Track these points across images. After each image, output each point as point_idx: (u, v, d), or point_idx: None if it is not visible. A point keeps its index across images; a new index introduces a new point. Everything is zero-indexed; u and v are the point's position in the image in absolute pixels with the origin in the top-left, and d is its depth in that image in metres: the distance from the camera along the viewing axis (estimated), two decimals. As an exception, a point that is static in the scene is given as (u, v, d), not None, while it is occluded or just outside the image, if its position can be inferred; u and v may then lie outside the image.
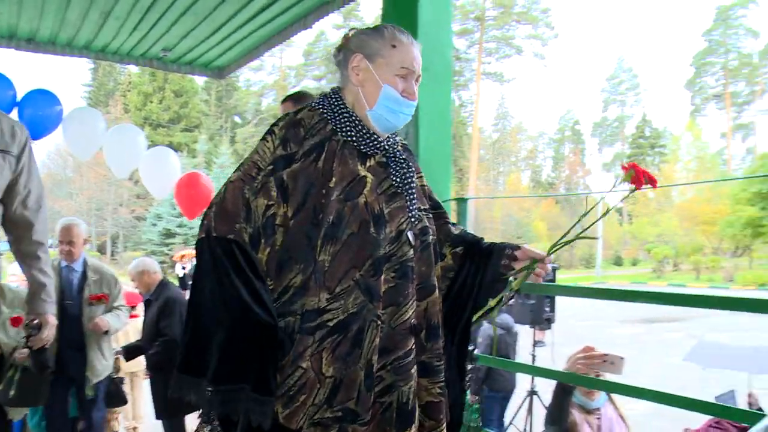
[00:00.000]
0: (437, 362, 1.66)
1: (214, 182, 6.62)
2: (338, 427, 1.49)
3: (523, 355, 5.86)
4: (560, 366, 2.67)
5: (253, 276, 1.50)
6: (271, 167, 1.56)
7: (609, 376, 2.55)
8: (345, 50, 1.69)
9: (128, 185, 34.58)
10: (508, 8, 42.88)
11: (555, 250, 1.79)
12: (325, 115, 1.64)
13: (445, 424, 1.66)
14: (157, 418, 4.54)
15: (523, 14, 43.17)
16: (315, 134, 1.60)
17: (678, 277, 33.92)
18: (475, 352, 1.95)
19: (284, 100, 3.61)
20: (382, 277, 1.55)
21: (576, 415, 2.57)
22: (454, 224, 1.89)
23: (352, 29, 1.73)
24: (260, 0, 4.21)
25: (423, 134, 3.34)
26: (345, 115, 1.65)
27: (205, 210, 1.60)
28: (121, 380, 4.46)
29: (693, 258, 35.57)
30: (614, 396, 2.72)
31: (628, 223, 44.04)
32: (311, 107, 1.67)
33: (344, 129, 1.63)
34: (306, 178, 1.55)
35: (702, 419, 2.94)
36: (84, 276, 4.08)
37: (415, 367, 1.60)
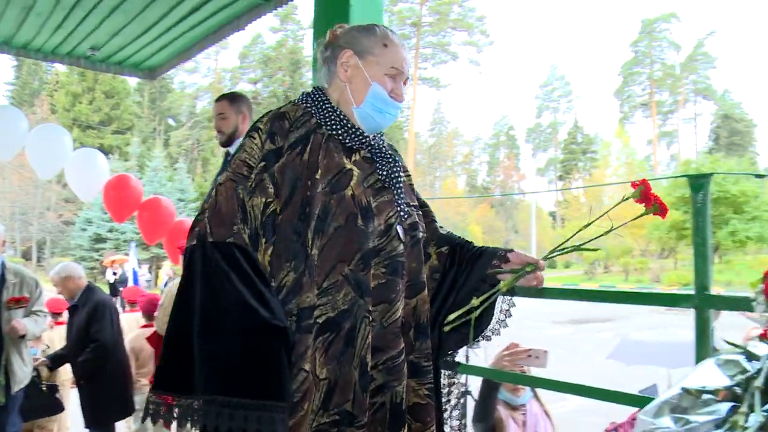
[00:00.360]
0: (425, 362, 1.60)
1: (146, 186, 6.46)
2: (336, 431, 1.42)
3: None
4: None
5: (258, 278, 1.41)
6: (263, 164, 1.49)
7: (535, 371, 2.62)
8: (334, 46, 1.64)
9: (56, 189, 33.36)
10: (445, 15, 43.49)
11: (550, 257, 1.70)
12: (309, 109, 1.59)
13: (433, 427, 1.59)
14: (87, 427, 4.40)
15: (459, 21, 43.87)
16: (300, 126, 1.55)
17: (608, 278, 35.00)
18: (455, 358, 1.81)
19: (218, 99, 3.57)
20: (372, 271, 1.49)
21: (501, 411, 2.63)
22: (441, 226, 1.82)
23: (339, 26, 1.68)
24: (192, 0, 4.15)
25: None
26: (329, 110, 1.60)
27: (195, 216, 1.52)
28: (55, 387, 4.33)
29: (622, 260, 36.83)
30: (539, 392, 2.80)
31: (561, 227, 45.22)
32: (294, 102, 1.63)
33: (329, 123, 1.58)
34: (292, 171, 1.49)
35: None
36: (2, 279, 3.92)
37: (406, 366, 1.55)
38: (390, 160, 1.63)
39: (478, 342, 1.73)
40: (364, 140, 1.60)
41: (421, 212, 1.72)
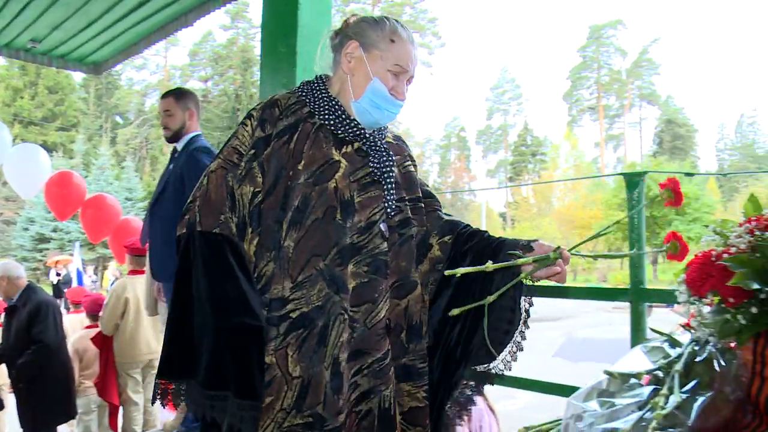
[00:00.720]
0: (421, 364, 1.55)
1: (92, 185, 6.30)
2: None
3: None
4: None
5: (242, 274, 1.41)
6: (253, 151, 1.48)
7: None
8: (343, 35, 1.59)
9: (-5, 187, 32.10)
10: (396, 16, 43.10)
11: (576, 247, 1.57)
12: (303, 98, 1.57)
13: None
14: (25, 432, 4.26)
15: (411, 23, 44.13)
16: (290, 115, 1.52)
17: (556, 278, 35.63)
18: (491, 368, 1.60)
19: (164, 95, 3.53)
20: (349, 268, 1.45)
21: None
22: (447, 214, 1.73)
23: (353, 15, 1.63)
24: (137, -6, 4.07)
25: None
26: (325, 99, 1.56)
27: (186, 203, 1.51)
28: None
29: (571, 260, 37.60)
30: (484, 388, 2.83)
31: (511, 228, 45.93)
32: (289, 91, 1.60)
33: (322, 112, 1.54)
34: (277, 160, 1.47)
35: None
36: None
37: (393, 369, 1.50)
38: (384, 154, 1.58)
39: (518, 349, 1.55)
40: (358, 132, 1.55)
41: (423, 204, 1.66)
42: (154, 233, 3.38)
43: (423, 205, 1.66)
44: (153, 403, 1.47)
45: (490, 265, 1.43)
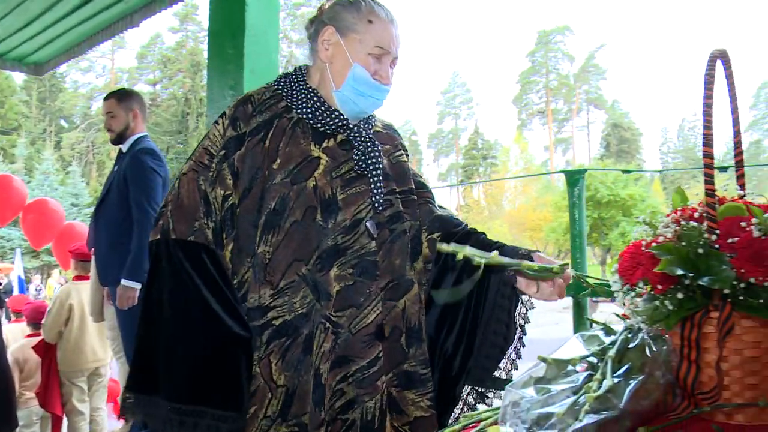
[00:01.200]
0: (423, 370, 1.45)
1: (36, 190, 6.11)
2: None
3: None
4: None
5: (222, 281, 1.33)
6: (223, 152, 1.37)
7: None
8: (317, 22, 1.49)
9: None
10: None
11: (579, 276, 1.54)
12: (279, 92, 1.46)
13: None
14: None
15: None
16: (264, 110, 1.42)
17: (508, 279, 36.17)
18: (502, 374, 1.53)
19: (107, 97, 3.50)
20: (333, 272, 1.35)
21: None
22: (441, 207, 1.62)
23: (328, 0, 1.52)
24: (79, -7, 3.98)
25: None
26: (303, 91, 1.45)
27: (159, 209, 1.42)
28: None
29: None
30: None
31: (464, 230, 46.43)
32: (266, 85, 1.49)
33: (300, 106, 1.43)
34: (252, 159, 1.37)
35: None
36: None
37: (383, 378, 1.39)
38: (370, 144, 1.46)
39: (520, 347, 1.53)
40: (341, 124, 1.44)
41: (415, 196, 1.56)
42: (99, 237, 3.32)
43: (415, 197, 1.55)
44: (120, 419, 1.43)
45: (495, 256, 1.26)
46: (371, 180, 1.43)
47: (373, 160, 1.44)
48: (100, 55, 45.58)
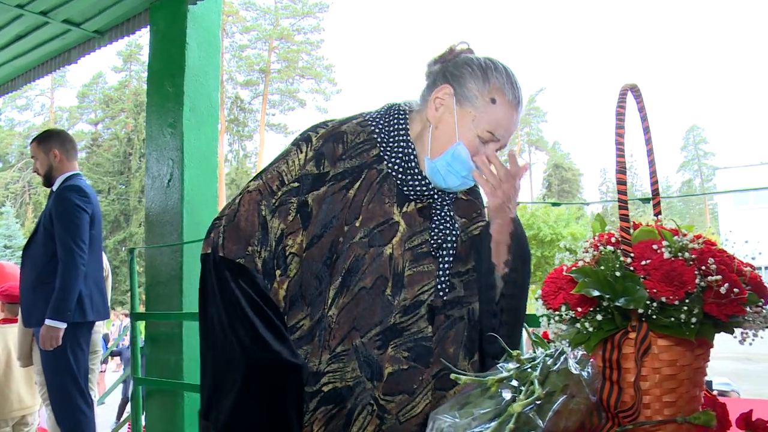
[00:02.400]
0: None
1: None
2: None
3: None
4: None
5: (269, 309, 1.21)
6: (296, 184, 1.25)
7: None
8: (440, 72, 1.34)
9: None
10: (293, 63, 43.98)
11: None
12: (375, 137, 1.32)
13: None
14: None
15: (307, 69, 44.53)
16: (355, 156, 1.29)
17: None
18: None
19: (31, 141, 3.47)
20: (388, 352, 1.24)
21: None
22: None
23: (462, 42, 1.37)
24: (15, 27, 3.92)
25: (189, 175, 3.34)
26: (401, 144, 1.31)
27: (214, 219, 1.31)
28: None
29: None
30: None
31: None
32: (361, 122, 1.34)
33: (393, 159, 1.30)
34: (330, 206, 1.25)
35: None
36: None
37: None
38: (448, 220, 1.33)
39: None
40: (426, 192, 1.31)
41: (475, 272, 1.39)
42: (25, 277, 3.23)
43: (475, 274, 1.38)
44: None
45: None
46: (440, 261, 1.31)
47: (449, 238, 1.32)
48: (39, 93, 44.48)
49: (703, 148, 56.59)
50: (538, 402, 0.86)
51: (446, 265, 1.31)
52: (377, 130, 1.33)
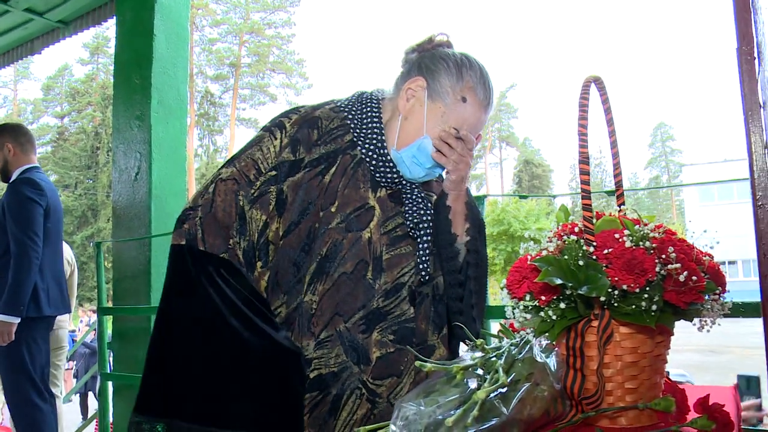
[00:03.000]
0: None
1: None
2: None
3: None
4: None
5: (257, 301, 1.20)
6: (274, 173, 1.24)
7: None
8: (415, 63, 1.34)
9: None
10: (264, 57, 43.69)
11: None
12: (348, 122, 1.32)
13: None
14: None
15: (278, 64, 44.28)
16: (329, 141, 1.29)
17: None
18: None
19: None
20: (375, 336, 1.24)
21: None
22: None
23: (441, 33, 1.37)
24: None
25: (156, 168, 3.30)
26: (375, 130, 1.31)
27: (185, 207, 1.26)
28: None
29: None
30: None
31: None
32: (334, 108, 1.34)
33: (366, 144, 1.30)
34: (306, 192, 1.24)
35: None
36: None
37: None
38: (421, 202, 1.34)
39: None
40: (396, 179, 1.32)
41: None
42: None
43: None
44: None
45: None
46: (419, 242, 1.31)
47: (425, 218, 1.32)
48: (1, 85, 43.59)
49: (671, 145, 57.78)
50: (502, 390, 0.87)
51: (425, 245, 1.31)
52: (350, 116, 1.33)
